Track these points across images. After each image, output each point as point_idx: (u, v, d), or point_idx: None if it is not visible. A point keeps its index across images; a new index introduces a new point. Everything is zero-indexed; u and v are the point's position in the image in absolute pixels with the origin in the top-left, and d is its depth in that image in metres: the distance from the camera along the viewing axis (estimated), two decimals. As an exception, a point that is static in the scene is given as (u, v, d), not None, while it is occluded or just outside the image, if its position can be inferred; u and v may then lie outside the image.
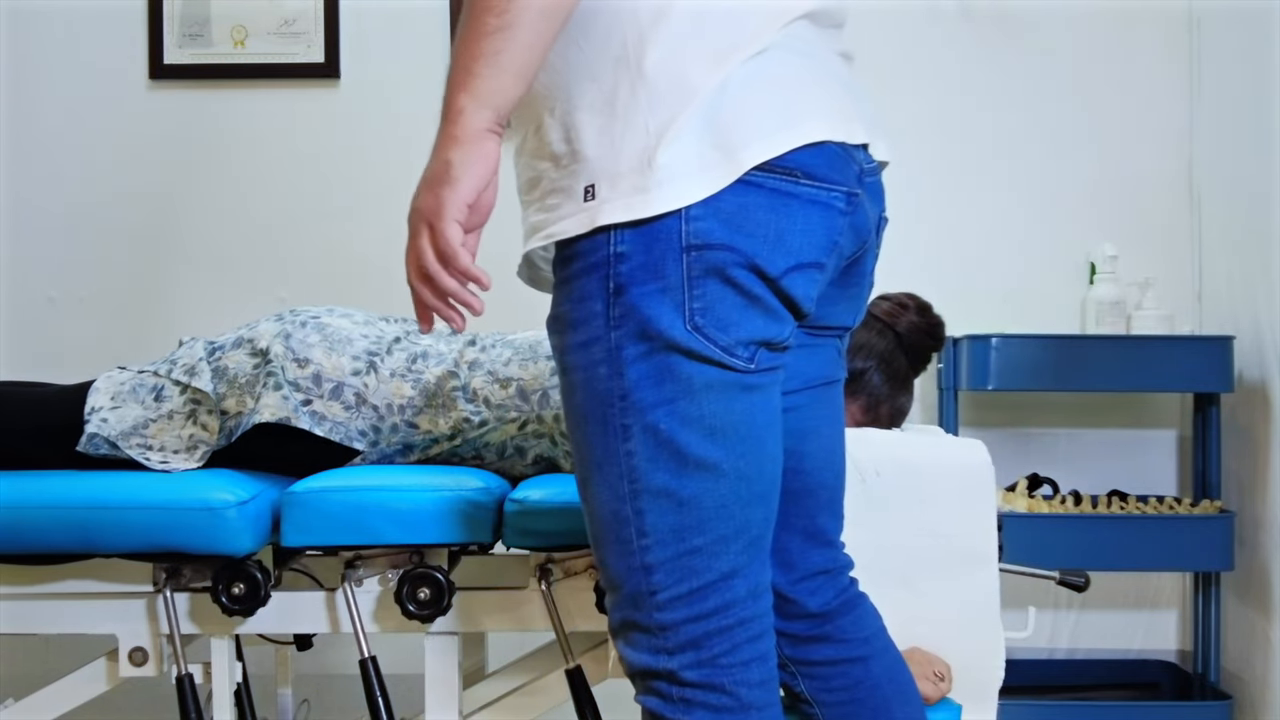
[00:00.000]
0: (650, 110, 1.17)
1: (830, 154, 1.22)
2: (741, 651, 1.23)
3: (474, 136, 1.14)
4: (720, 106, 1.18)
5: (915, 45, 2.90)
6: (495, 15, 1.12)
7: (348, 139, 2.92)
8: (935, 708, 1.69)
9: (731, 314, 1.18)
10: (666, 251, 1.17)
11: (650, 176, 1.16)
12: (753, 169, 1.17)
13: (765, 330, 1.20)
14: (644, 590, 1.22)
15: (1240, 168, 2.68)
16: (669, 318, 1.17)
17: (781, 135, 1.19)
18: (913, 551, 1.74)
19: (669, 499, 1.21)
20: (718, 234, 1.17)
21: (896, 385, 1.93)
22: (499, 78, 1.13)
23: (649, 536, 1.21)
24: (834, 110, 1.24)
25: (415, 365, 1.89)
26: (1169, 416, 2.90)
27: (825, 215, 1.21)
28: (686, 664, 1.22)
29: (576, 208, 1.18)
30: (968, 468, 1.77)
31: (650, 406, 1.19)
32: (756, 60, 1.20)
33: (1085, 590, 1.93)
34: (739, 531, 1.23)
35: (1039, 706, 2.59)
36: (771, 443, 1.26)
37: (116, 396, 1.88)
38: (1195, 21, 2.86)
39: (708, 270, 1.17)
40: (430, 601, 1.76)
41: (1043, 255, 2.89)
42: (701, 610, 1.22)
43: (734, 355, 1.19)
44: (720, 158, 1.17)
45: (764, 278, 1.19)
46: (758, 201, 1.18)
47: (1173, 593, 2.90)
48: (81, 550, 1.77)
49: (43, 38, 2.90)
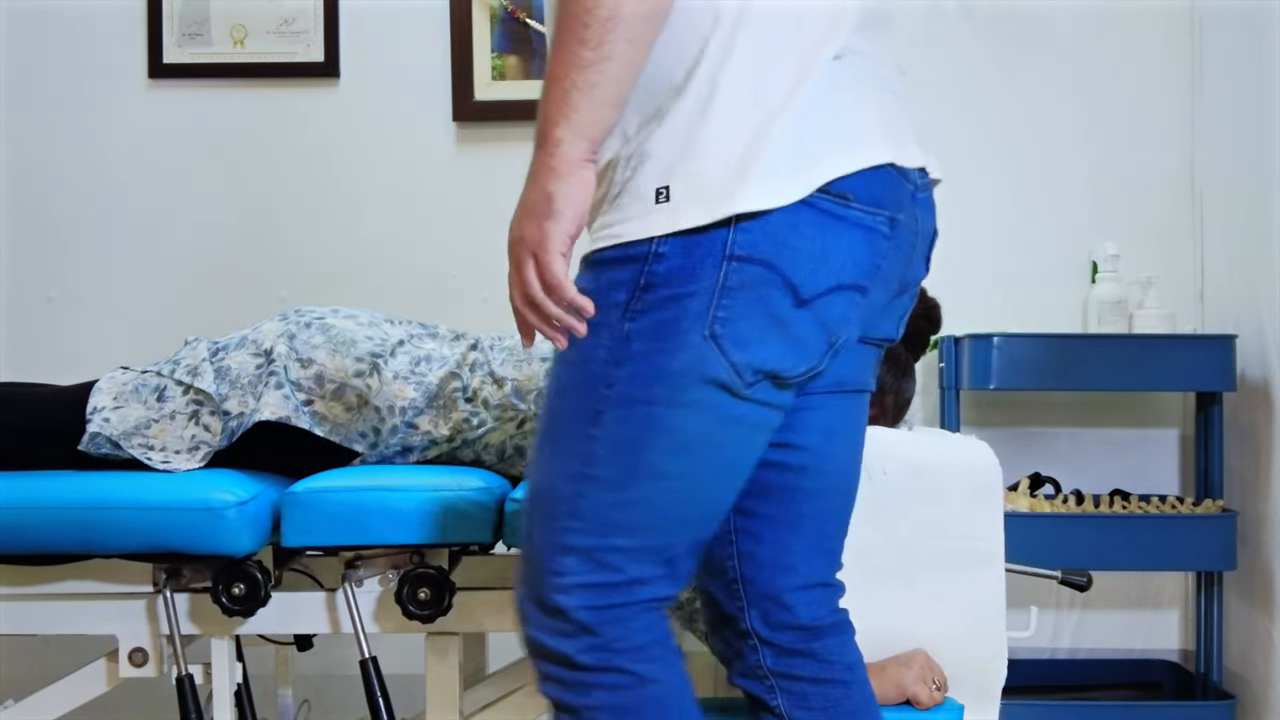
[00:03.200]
0: (726, 119, 1.18)
1: (886, 177, 1.23)
2: (637, 636, 1.25)
3: (573, 168, 1.15)
4: (794, 120, 1.18)
5: (915, 45, 2.89)
6: (590, 48, 1.13)
7: (348, 139, 2.92)
8: (937, 708, 1.69)
9: (752, 332, 1.19)
10: (705, 257, 1.17)
11: (721, 188, 1.16)
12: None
13: (779, 360, 1.20)
14: (554, 570, 1.23)
15: (1242, 167, 2.67)
16: (688, 322, 1.18)
17: (847, 155, 1.20)
18: (919, 551, 1.74)
19: (611, 494, 1.22)
20: (762, 249, 1.17)
21: (899, 373, 1.93)
22: (595, 109, 1.14)
23: (578, 521, 1.23)
24: (894, 131, 1.26)
25: (419, 368, 1.88)
26: (1171, 416, 2.90)
27: (869, 239, 1.22)
28: (582, 648, 1.23)
29: (648, 209, 1.18)
30: (976, 468, 1.77)
31: (631, 401, 1.20)
32: (830, 69, 1.21)
33: (1087, 590, 1.93)
34: (663, 547, 1.25)
35: (1041, 706, 2.59)
36: (731, 477, 1.27)
37: (119, 396, 1.87)
38: (1197, 21, 2.85)
39: (743, 283, 1.17)
40: (430, 602, 1.76)
41: (1044, 254, 2.89)
42: (601, 603, 1.23)
43: (738, 376, 1.19)
44: (791, 173, 1.17)
45: (799, 299, 1.19)
46: (807, 220, 1.18)
47: (1175, 592, 2.89)
48: (81, 550, 1.77)
49: (42, 38, 2.90)
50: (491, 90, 2.90)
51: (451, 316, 2.18)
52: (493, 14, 2.91)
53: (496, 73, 2.90)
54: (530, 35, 2.90)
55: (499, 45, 2.91)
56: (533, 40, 2.90)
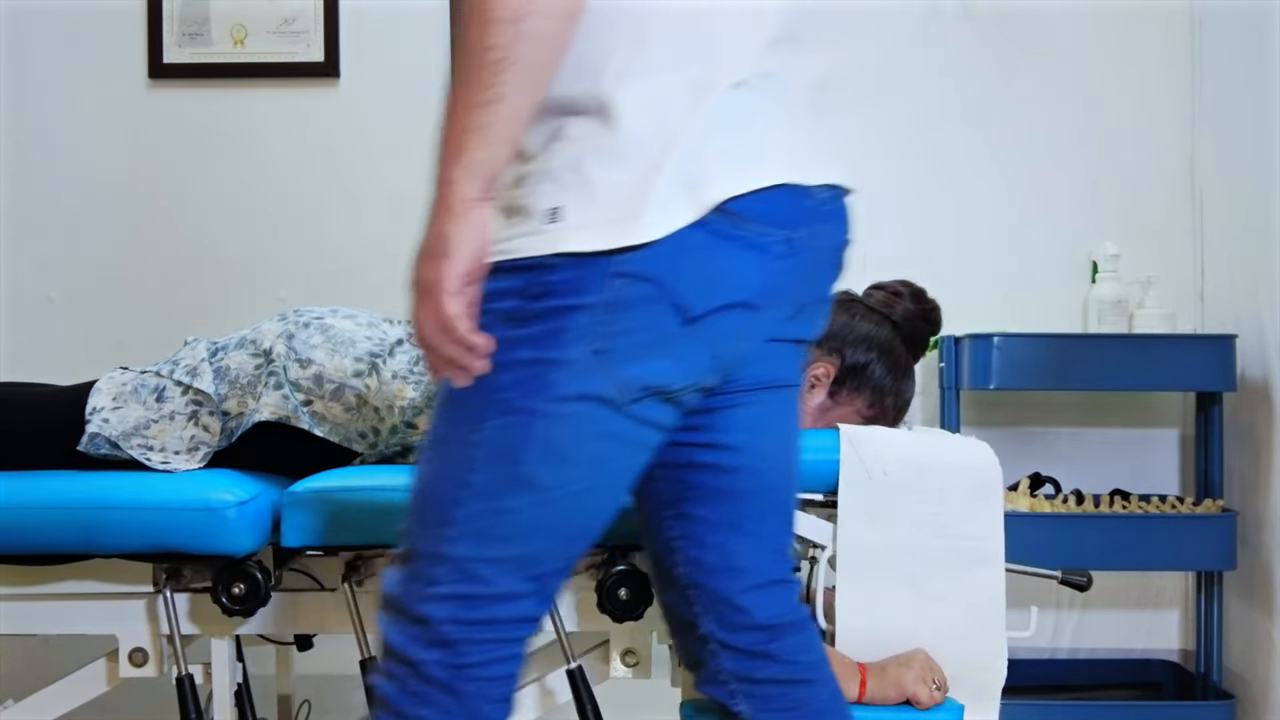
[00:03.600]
0: (623, 144, 1.18)
1: (781, 197, 1.23)
2: (492, 669, 1.24)
3: (466, 208, 1.15)
4: (688, 146, 1.18)
5: (915, 45, 2.90)
6: (483, 89, 1.13)
7: (347, 138, 2.92)
8: (937, 708, 1.69)
9: (638, 349, 1.19)
10: (596, 272, 1.17)
11: (618, 210, 1.17)
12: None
13: (664, 375, 1.21)
14: (425, 578, 1.23)
15: (1242, 166, 2.67)
16: (574, 334, 1.18)
17: (739, 177, 1.20)
18: (919, 551, 1.74)
19: (485, 503, 1.21)
20: (651, 268, 1.18)
21: (899, 375, 1.93)
22: (487, 149, 1.14)
23: (453, 528, 1.22)
24: (793, 150, 1.26)
25: (418, 368, 1.88)
26: (1171, 415, 2.89)
27: (761, 259, 1.22)
28: (435, 660, 1.22)
29: (537, 227, 1.19)
30: (976, 468, 1.77)
31: (512, 410, 1.19)
32: (730, 95, 1.21)
33: (1087, 590, 1.93)
34: (533, 561, 1.24)
35: (1041, 706, 2.59)
36: (609, 493, 1.27)
37: (118, 397, 1.87)
38: (1197, 21, 2.85)
39: (632, 300, 1.18)
40: (431, 601, 1.75)
41: (1044, 254, 2.88)
42: (468, 617, 1.23)
43: (622, 391, 1.20)
44: (686, 196, 1.18)
45: (687, 317, 1.19)
46: (698, 241, 1.18)
47: (1175, 592, 2.89)
48: (81, 550, 1.77)
49: (42, 37, 2.90)
50: (491, 90, 2.89)
51: (451, 316, 2.17)
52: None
53: (496, 73, 2.90)
54: (530, 35, 2.90)
55: (499, 45, 2.91)
56: (533, 40, 2.90)
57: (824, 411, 1.91)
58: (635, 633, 1.82)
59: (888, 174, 2.90)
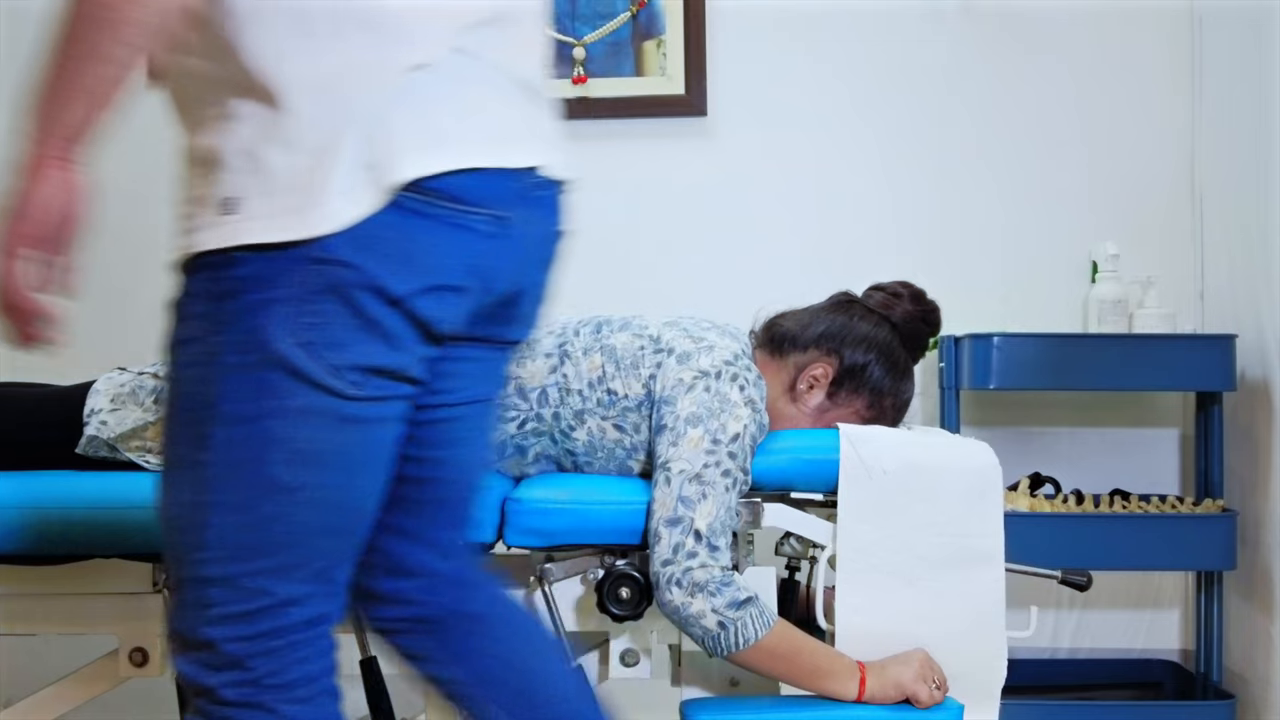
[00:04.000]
0: (299, 126, 1.13)
1: (482, 178, 1.19)
2: (289, 673, 1.21)
3: (46, 166, 1.12)
4: (373, 126, 1.14)
5: (915, 45, 2.90)
6: (76, 44, 1.10)
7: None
8: (937, 708, 1.69)
9: (345, 335, 1.15)
10: (287, 262, 1.13)
11: (296, 198, 1.12)
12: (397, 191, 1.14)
13: (381, 357, 1.17)
14: (197, 603, 1.19)
15: (1242, 166, 2.67)
16: (276, 330, 1.13)
17: (429, 159, 1.15)
18: (919, 550, 1.74)
19: (239, 517, 1.17)
20: (344, 251, 1.13)
21: (898, 376, 1.93)
22: (74, 108, 1.11)
23: (209, 550, 1.18)
24: (498, 131, 1.22)
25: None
26: (1171, 415, 2.89)
27: (465, 238, 1.19)
28: (227, 682, 1.19)
29: (215, 219, 1.15)
30: (976, 468, 1.77)
31: (237, 419, 1.15)
32: (417, 76, 1.16)
33: (1087, 590, 1.93)
34: (308, 561, 1.21)
35: (1041, 706, 2.59)
36: (366, 477, 1.23)
37: (116, 399, 1.87)
38: (1197, 20, 2.85)
39: (328, 287, 1.13)
40: (431, 601, 1.76)
41: (1044, 254, 2.88)
42: (251, 632, 1.19)
43: (339, 378, 1.15)
44: (368, 179, 1.13)
45: (388, 300, 1.15)
46: (392, 221, 1.14)
47: (1175, 592, 2.89)
48: (82, 550, 1.77)
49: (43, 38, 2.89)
50: (491, 90, 2.90)
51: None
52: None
53: (496, 73, 2.90)
54: (530, 35, 2.90)
55: (499, 45, 2.91)
56: (533, 40, 2.90)
57: (822, 412, 1.91)
58: (635, 633, 1.82)
59: (887, 174, 2.91)
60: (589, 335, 1.89)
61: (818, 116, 2.91)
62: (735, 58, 2.91)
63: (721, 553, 1.68)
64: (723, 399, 1.76)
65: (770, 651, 1.68)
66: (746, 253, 2.90)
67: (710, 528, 1.68)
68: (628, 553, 1.77)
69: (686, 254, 2.91)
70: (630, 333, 1.88)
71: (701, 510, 1.68)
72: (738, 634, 1.65)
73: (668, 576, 1.66)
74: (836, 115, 2.92)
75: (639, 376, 1.83)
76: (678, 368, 1.81)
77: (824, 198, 2.91)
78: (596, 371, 1.84)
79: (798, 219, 2.91)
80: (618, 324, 1.90)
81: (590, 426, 1.84)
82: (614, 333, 1.88)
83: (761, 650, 1.67)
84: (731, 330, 1.92)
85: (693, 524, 1.68)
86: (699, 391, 1.77)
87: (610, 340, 1.87)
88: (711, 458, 1.71)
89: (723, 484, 1.71)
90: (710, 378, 1.78)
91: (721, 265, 2.90)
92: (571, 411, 1.84)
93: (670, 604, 1.67)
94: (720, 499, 1.70)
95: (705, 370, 1.79)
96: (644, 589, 1.73)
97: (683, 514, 1.68)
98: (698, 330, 1.87)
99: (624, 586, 1.73)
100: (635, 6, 2.90)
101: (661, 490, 1.71)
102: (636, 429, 1.83)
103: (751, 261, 2.89)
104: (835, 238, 2.89)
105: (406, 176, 1.14)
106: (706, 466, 1.71)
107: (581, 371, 1.85)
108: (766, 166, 2.92)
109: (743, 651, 1.67)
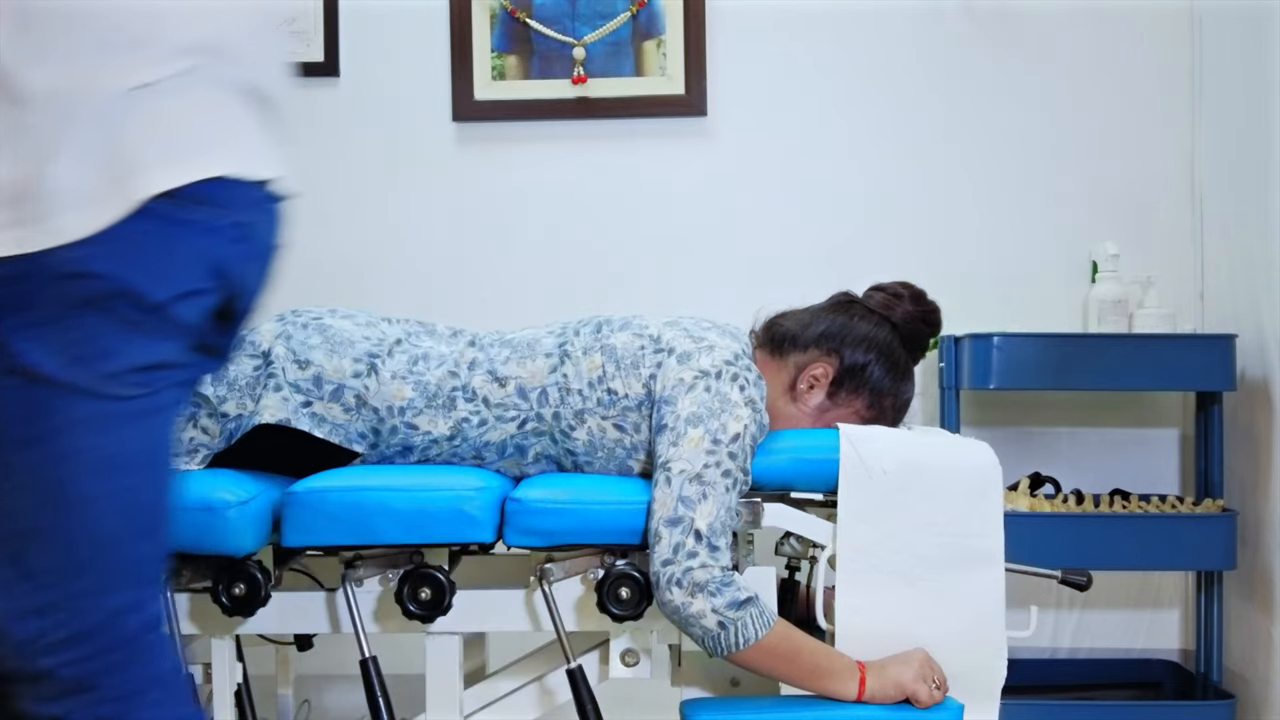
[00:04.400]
0: (31, 133, 1.09)
1: (228, 185, 1.18)
2: (134, 680, 1.19)
3: None
4: (109, 135, 1.11)
5: (915, 45, 2.90)
6: None
7: (348, 139, 2.92)
8: (937, 707, 1.69)
9: (114, 343, 1.13)
10: (40, 281, 1.10)
11: (30, 208, 1.09)
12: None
13: (155, 353, 1.16)
14: (28, 638, 1.15)
15: (1242, 166, 2.67)
16: (40, 351, 1.10)
17: (178, 168, 1.14)
18: (919, 550, 1.74)
19: (49, 540, 1.15)
20: (96, 262, 1.10)
21: (898, 376, 1.93)
22: None
23: (31, 581, 1.15)
24: (233, 144, 1.21)
25: (416, 367, 1.88)
26: (1171, 415, 2.90)
27: (212, 242, 1.18)
28: (73, 708, 1.17)
29: None
30: (976, 467, 1.77)
31: (21, 444, 1.12)
32: (155, 86, 1.14)
33: (1087, 589, 1.93)
34: (130, 567, 1.19)
35: (1041, 706, 2.59)
36: (164, 470, 1.22)
37: (116, 397, 1.87)
38: (1197, 20, 2.85)
39: (86, 300, 1.11)
40: (431, 601, 1.76)
41: (1044, 254, 2.89)
42: (88, 652, 1.16)
43: (119, 383, 1.14)
44: (112, 189, 1.11)
45: (147, 305, 1.14)
46: (144, 229, 1.12)
47: (1175, 592, 2.89)
48: (80, 550, 1.77)
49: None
50: (491, 90, 2.90)
51: (450, 316, 2.18)
52: (492, 14, 2.91)
53: (496, 73, 2.90)
54: (530, 35, 2.90)
55: (499, 45, 2.91)
56: (532, 40, 2.91)
57: (822, 412, 1.91)
58: (635, 633, 1.82)
59: (887, 173, 2.91)
60: (589, 335, 1.89)
61: (817, 116, 2.92)
62: (735, 58, 2.92)
63: (722, 553, 1.68)
64: (723, 399, 1.76)
65: (770, 651, 1.68)
66: (746, 253, 2.90)
67: (710, 528, 1.68)
68: (628, 553, 1.77)
69: (686, 254, 2.91)
70: (630, 332, 1.88)
71: (702, 510, 1.69)
72: (738, 634, 1.66)
73: (668, 576, 1.66)
74: (836, 115, 2.92)
75: (639, 376, 1.83)
76: (678, 367, 1.81)
77: (823, 198, 2.91)
78: (596, 371, 1.84)
79: (797, 219, 2.91)
80: (618, 324, 1.90)
81: (590, 426, 1.84)
82: (614, 332, 1.88)
83: (762, 650, 1.67)
84: (732, 330, 1.92)
85: (693, 524, 1.68)
86: (699, 391, 1.77)
87: (610, 340, 1.87)
88: (712, 458, 1.72)
89: (723, 484, 1.71)
90: (711, 377, 1.78)
91: (721, 265, 2.90)
92: (571, 411, 1.84)
93: (670, 604, 1.67)
94: (720, 499, 1.70)
95: (706, 370, 1.79)
96: (644, 589, 1.73)
97: (683, 514, 1.68)
98: (698, 330, 1.87)
99: (624, 586, 1.74)
100: (635, 6, 2.90)
101: (662, 490, 1.71)
102: (636, 429, 1.83)
103: (751, 261, 2.89)
104: (835, 238, 2.89)
105: (156, 187, 1.13)
106: (707, 466, 1.71)
107: (581, 371, 1.85)
108: (766, 166, 2.92)
109: (743, 651, 1.67)
